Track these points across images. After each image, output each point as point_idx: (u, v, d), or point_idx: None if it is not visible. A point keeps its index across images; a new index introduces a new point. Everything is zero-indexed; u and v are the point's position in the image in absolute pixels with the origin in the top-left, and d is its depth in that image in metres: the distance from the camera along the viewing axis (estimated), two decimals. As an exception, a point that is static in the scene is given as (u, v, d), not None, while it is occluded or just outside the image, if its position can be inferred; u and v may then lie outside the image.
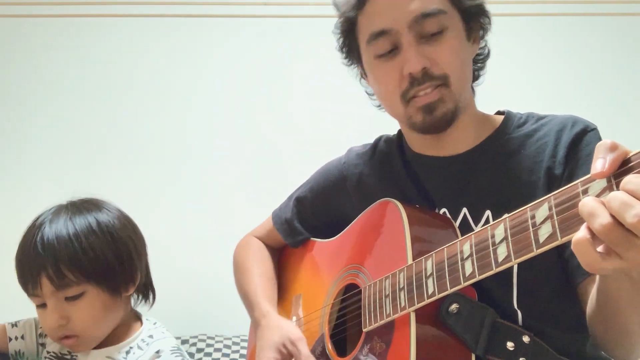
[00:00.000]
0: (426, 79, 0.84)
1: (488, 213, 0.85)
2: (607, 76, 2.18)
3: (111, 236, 0.95)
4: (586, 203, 0.52)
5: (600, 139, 0.84)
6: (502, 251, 0.64)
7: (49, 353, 1.01)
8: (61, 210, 0.97)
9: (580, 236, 0.52)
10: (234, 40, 2.21)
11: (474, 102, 0.95)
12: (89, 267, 0.91)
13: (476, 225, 0.86)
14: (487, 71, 0.96)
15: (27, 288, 0.93)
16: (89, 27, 2.19)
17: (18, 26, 2.17)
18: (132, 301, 1.03)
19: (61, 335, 0.93)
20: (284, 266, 1.16)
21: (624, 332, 0.72)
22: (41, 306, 0.94)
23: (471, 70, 0.91)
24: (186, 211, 2.12)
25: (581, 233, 0.53)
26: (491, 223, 0.68)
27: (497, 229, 0.66)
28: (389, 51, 0.86)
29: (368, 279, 0.89)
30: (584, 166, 0.81)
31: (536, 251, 0.60)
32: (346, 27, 0.93)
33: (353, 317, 0.92)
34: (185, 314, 1.97)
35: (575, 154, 0.83)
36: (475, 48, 0.92)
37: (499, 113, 0.96)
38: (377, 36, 0.86)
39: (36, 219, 0.97)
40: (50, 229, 0.93)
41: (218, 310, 1.98)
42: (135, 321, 1.02)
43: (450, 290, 0.71)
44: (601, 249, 0.52)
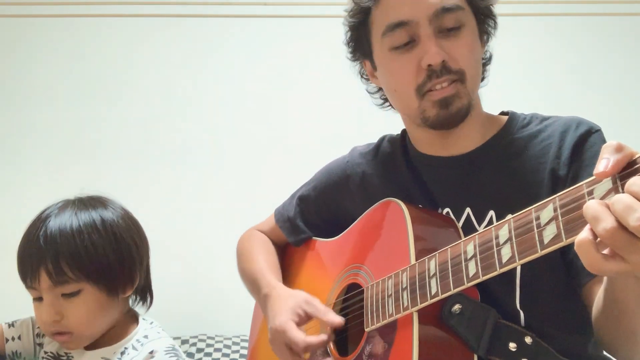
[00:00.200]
0: (444, 72, 0.84)
1: (492, 213, 0.85)
2: (609, 76, 2.17)
3: (114, 236, 0.95)
4: (590, 206, 0.51)
5: (604, 140, 0.84)
6: (506, 252, 0.64)
7: (46, 353, 1.01)
8: (68, 205, 0.96)
9: (583, 237, 0.52)
10: (233, 40, 2.21)
11: (480, 101, 0.95)
12: (88, 265, 0.91)
13: (480, 226, 0.86)
14: (488, 74, 0.97)
15: (25, 280, 0.93)
16: (89, 27, 2.18)
17: (18, 26, 2.16)
18: (129, 302, 1.02)
19: (54, 331, 0.93)
20: (286, 265, 1.15)
21: (630, 333, 0.72)
22: (37, 299, 0.93)
23: (481, 69, 0.92)
24: (187, 211, 2.11)
25: (584, 234, 0.52)
26: (495, 224, 0.68)
27: (501, 229, 0.66)
28: (406, 43, 0.86)
29: (370, 278, 0.89)
30: (588, 167, 0.81)
31: (540, 252, 0.60)
32: (359, 18, 0.92)
33: (355, 316, 0.92)
34: (185, 314, 1.97)
35: (579, 155, 0.83)
36: (483, 49, 0.93)
37: (503, 113, 0.96)
38: (395, 27, 0.85)
39: (42, 212, 0.96)
40: (54, 223, 0.92)
41: (218, 310, 1.98)
42: (131, 321, 1.01)
43: (453, 291, 0.71)
44: (605, 250, 0.52)
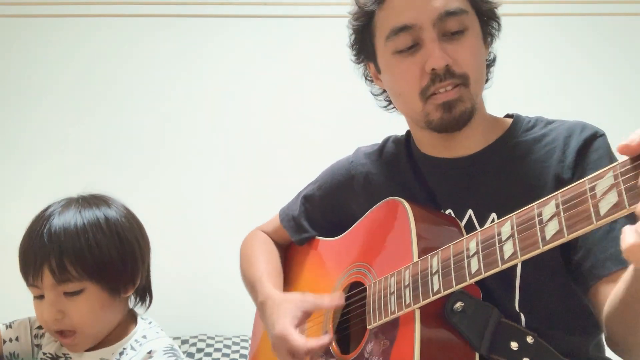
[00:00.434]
0: (448, 76, 0.84)
1: (493, 215, 0.86)
2: (613, 77, 2.17)
3: (118, 236, 0.95)
4: None
5: (608, 144, 0.84)
6: (509, 248, 0.65)
7: (45, 354, 1.00)
8: (71, 203, 0.96)
9: (633, 242, 0.49)
10: (234, 40, 2.21)
11: (484, 104, 0.95)
12: (92, 264, 0.91)
13: (481, 227, 0.86)
14: (492, 76, 0.97)
15: (27, 278, 0.92)
16: (90, 27, 2.19)
17: (18, 26, 2.17)
18: (129, 302, 1.02)
19: (55, 329, 0.92)
20: (289, 264, 1.16)
21: None
22: (39, 297, 0.93)
23: (485, 72, 0.92)
24: (187, 211, 2.11)
25: (631, 240, 0.50)
26: (498, 221, 0.68)
27: (503, 226, 0.67)
28: (410, 47, 0.86)
29: (373, 276, 0.89)
30: (593, 171, 0.79)
31: (543, 248, 0.61)
32: (363, 21, 0.93)
33: (357, 314, 0.92)
34: (185, 314, 1.97)
35: (584, 159, 0.83)
36: (487, 52, 0.93)
37: (508, 116, 0.96)
38: (399, 31, 0.86)
39: (45, 209, 0.96)
40: (58, 220, 0.92)
41: (218, 310, 1.97)
42: (130, 321, 1.01)
43: (455, 288, 0.72)
44: None
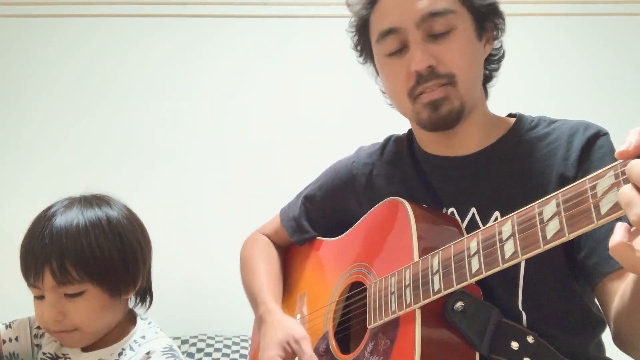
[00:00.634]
0: (432, 76, 0.85)
1: (497, 214, 0.86)
2: (615, 77, 2.18)
3: (120, 237, 0.94)
4: (623, 192, 0.49)
5: (612, 143, 0.84)
6: (509, 247, 0.65)
7: (44, 354, 1.00)
8: (74, 203, 0.95)
9: (617, 241, 0.50)
10: (234, 40, 2.21)
11: (485, 102, 0.95)
12: (93, 266, 0.90)
13: (484, 226, 0.86)
14: (498, 73, 0.96)
15: (28, 278, 0.92)
16: (91, 27, 2.20)
17: (18, 26, 2.18)
18: (129, 303, 1.01)
19: (55, 330, 0.92)
20: (289, 264, 1.16)
21: None
22: (39, 298, 0.93)
23: (481, 70, 0.91)
24: (188, 211, 2.12)
25: (617, 237, 0.50)
26: (499, 220, 0.69)
27: (504, 225, 0.67)
28: (398, 50, 0.87)
29: (374, 276, 0.89)
30: (596, 169, 0.78)
31: (544, 247, 0.61)
32: (359, 26, 0.94)
33: (358, 314, 0.92)
34: (185, 314, 1.97)
35: (588, 157, 0.83)
36: (487, 48, 0.92)
37: (511, 115, 0.96)
38: (386, 35, 0.87)
39: (48, 209, 0.95)
40: (60, 221, 0.91)
41: (218, 310, 1.97)
42: (130, 322, 1.00)
43: (456, 287, 0.72)
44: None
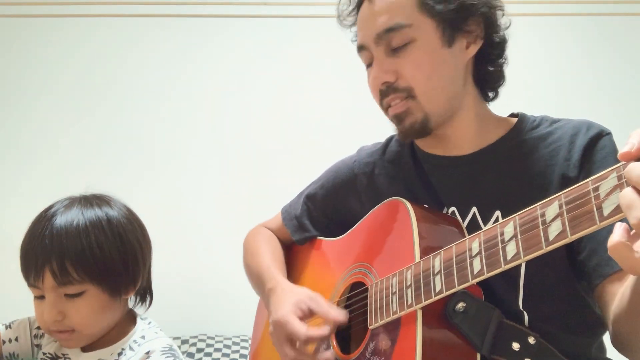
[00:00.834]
0: (391, 91, 0.90)
1: (498, 213, 0.86)
2: (617, 77, 2.19)
3: (120, 237, 0.94)
4: (624, 195, 0.49)
5: (614, 143, 0.84)
6: (511, 249, 0.65)
7: (44, 354, 1.00)
8: (74, 203, 0.95)
9: (616, 241, 0.50)
10: (234, 40, 2.22)
11: (480, 102, 0.94)
12: (94, 266, 0.90)
13: (485, 226, 0.86)
14: (497, 73, 0.94)
15: (28, 278, 0.92)
16: (91, 27, 2.20)
17: (18, 26, 2.18)
18: (129, 303, 1.01)
19: (55, 330, 0.92)
20: (291, 264, 1.15)
21: None
22: (39, 298, 0.93)
23: (450, 77, 0.89)
24: (188, 211, 2.12)
25: (616, 237, 0.51)
26: (500, 221, 0.68)
27: (506, 226, 0.67)
28: (370, 63, 0.93)
29: (375, 277, 0.89)
30: (599, 169, 0.78)
31: (546, 248, 0.61)
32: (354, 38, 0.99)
33: (359, 314, 0.92)
34: (185, 314, 1.97)
35: (590, 157, 0.83)
36: (471, 50, 0.89)
37: (513, 115, 0.96)
38: (359, 50, 0.94)
39: (48, 208, 0.95)
40: (60, 221, 0.91)
41: (218, 310, 1.98)
42: (129, 322, 1.00)
43: (458, 288, 0.72)
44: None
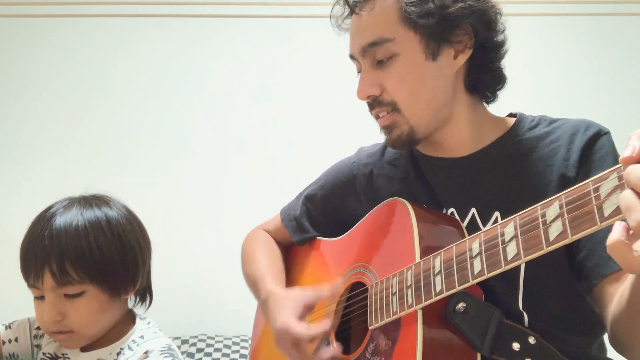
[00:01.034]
0: (376, 104, 0.91)
1: (497, 214, 0.86)
2: (617, 77, 2.19)
3: (119, 237, 0.94)
4: (624, 197, 0.50)
5: (613, 143, 0.84)
6: (512, 249, 0.65)
7: (44, 355, 1.00)
8: (73, 204, 0.95)
9: (615, 239, 0.50)
10: (234, 40, 2.21)
11: (474, 106, 0.93)
12: (93, 267, 0.90)
13: (484, 226, 0.86)
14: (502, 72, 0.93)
15: (28, 279, 0.92)
16: (91, 27, 2.20)
17: (18, 26, 2.18)
18: (129, 302, 1.02)
19: (55, 330, 0.92)
20: (290, 265, 1.15)
21: None
22: (39, 298, 0.93)
23: (436, 89, 0.88)
24: (188, 211, 2.12)
25: (615, 235, 0.51)
26: (501, 222, 0.69)
27: (507, 227, 0.67)
28: (360, 71, 0.94)
29: (375, 277, 0.89)
30: (597, 170, 0.80)
31: (546, 249, 0.61)
32: None
33: (359, 315, 0.92)
34: (185, 314, 1.97)
35: (588, 157, 0.83)
36: (460, 60, 0.88)
37: (512, 115, 0.96)
38: (351, 59, 0.95)
39: (47, 209, 0.95)
40: (60, 222, 0.91)
41: (218, 310, 1.98)
42: (129, 321, 1.01)
43: (458, 288, 0.72)
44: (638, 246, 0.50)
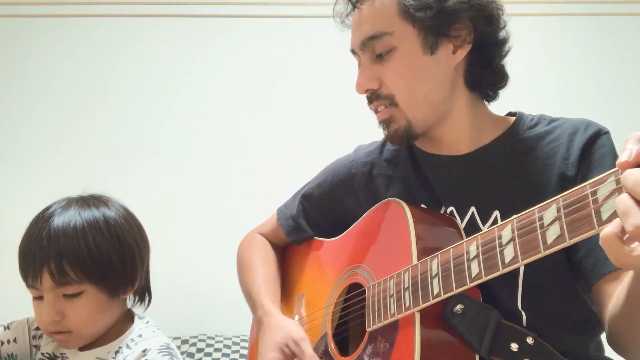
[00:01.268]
0: (374, 98, 0.91)
1: (496, 213, 0.85)
2: (617, 77, 2.18)
3: (117, 237, 0.94)
4: (621, 201, 0.50)
5: (612, 142, 0.84)
6: (509, 252, 0.65)
7: (43, 355, 1.00)
8: (71, 204, 0.95)
9: (608, 231, 0.51)
10: (234, 40, 2.21)
11: (472, 103, 0.93)
12: (92, 267, 0.90)
13: (484, 226, 0.86)
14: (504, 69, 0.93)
15: (27, 279, 0.92)
16: (91, 26, 2.19)
17: (18, 26, 2.17)
18: (127, 302, 1.02)
19: (54, 330, 0.92)
20: (287, 265, 1.15)
21: None
22: (38, 298, 0.93)
23: (434, 83, 0.88)
24: (187, 211, 2.12)
25: (609, 228, 0.51)
26: (498, 224, 0.68)
27: (504, 230, 0.66)
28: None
29: (372, 278, 0.89)
30: (597, 169, 0.80)
31: (544, 252, 0.61)
32: None
33: (356, 316, 0.92)
34: (185, 314, 1.97)
35: (588, 157, 0.82)
36: (459, 55, 0.88)
37: (511, 114, 0.95)
38: (352, 54, 0.95)
39: (45, 209, 0.95)
40: (58, 222, 0.91)
41: (218, 310, 1.97)
42: (127, 320, 1.01)
43: (455, 291, 0.72)
44: (634, 244, 0.51)
